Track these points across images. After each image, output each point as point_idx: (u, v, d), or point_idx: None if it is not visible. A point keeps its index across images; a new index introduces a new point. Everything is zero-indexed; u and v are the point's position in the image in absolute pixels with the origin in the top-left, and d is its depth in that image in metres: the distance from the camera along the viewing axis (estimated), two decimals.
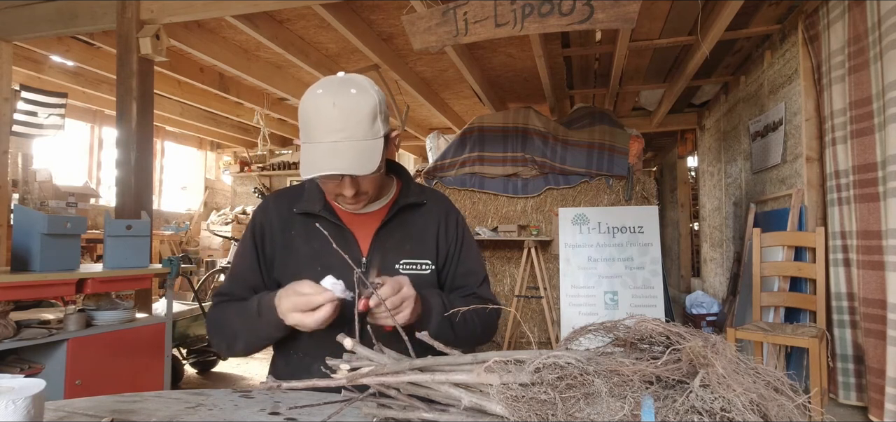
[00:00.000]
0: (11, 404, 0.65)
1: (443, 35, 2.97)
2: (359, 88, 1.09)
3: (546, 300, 4.24)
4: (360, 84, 1.10)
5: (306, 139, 1.09)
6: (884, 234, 2.63)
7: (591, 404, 0.66)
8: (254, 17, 3.76)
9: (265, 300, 1.11)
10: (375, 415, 0.80)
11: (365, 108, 1.07)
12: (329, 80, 1.11)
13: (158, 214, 7.41)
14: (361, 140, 1.07)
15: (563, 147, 4.58)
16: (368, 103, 1.08)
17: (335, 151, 1.05)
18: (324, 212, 1.22)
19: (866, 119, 2.76)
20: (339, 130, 1.05)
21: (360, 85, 1.10)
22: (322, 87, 1.09)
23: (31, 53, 4.57)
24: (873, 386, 2.72)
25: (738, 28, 3.90)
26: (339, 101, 1.06)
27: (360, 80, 1.12)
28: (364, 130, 1.07)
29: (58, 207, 4.74)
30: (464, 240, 1.34)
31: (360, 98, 1.08)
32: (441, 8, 2.95)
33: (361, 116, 1.07)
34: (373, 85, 1.13)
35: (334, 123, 1.05)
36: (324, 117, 1.06)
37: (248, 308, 1.14)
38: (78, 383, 2.37)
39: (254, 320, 1.13)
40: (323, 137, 1.06)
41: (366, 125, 1.07)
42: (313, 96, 1.08)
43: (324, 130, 1.06)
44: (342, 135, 1.06)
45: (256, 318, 1.12)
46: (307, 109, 1.08)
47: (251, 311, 1.13)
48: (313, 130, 1.07)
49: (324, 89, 1.08)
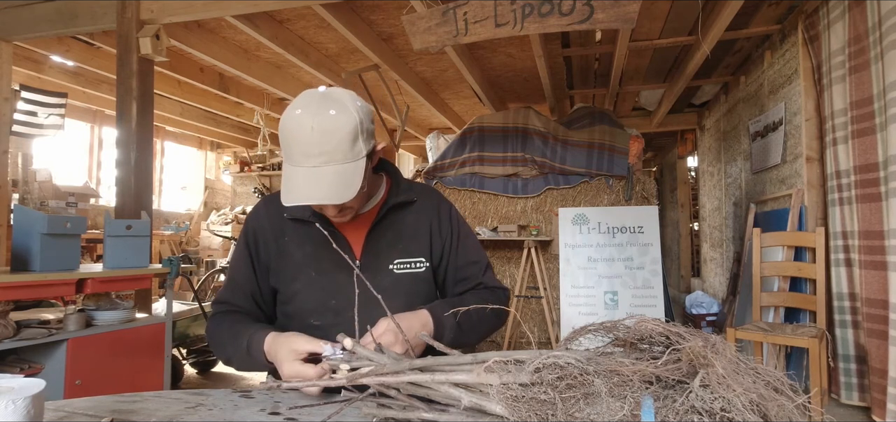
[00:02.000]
0: (11, 404, 0.64)
1: (443, 35, 2.97)
2: (339, 108, 1.04)
3: (546, 300, 4.24)
4: (341, 102, 1.05)
5: (287, 159, 1.06)
6: (886, 234, 2.63)
7: (591, 404, 0.66)
8: (254, 17, 3.76)
9: (255, 341, 1.10)
10: (375, 415, 0.80)
11: (344, 129, 1.03)
12: (309, 98, 1.06)
13: (158, 214, 7.41)
14: (341, 163, 1.03)
15: (563, 147, 4.58)
16: (349, 124, 1.03)
17: (315, 178, 1.02)
18: (314, 217, 1.20)
19: (867, 119, 2.75)
20: (318, 154, 1.02)
21: (341, 103, 1.05)
22: (301, 106, 1.04)
23: (31, 53, 4.57)
24: (876, 386, 2.72)
25: (738, 28, 3.90)
26: (317, 123, 1.01)
27: (341, 96, 1.07)
28: (343, 152, 1.03)
29: (58, 207, 4.74)
30: (460, 231, 1.32)
31: (340, 119, 1.03)
32: (441, 8, 2.95)
33: (340, 137, 1.02)
34: (355, 100, 1.08)
35: (313, 148, 1.02)
36: (302, 141, 1.02)
37: (239, 342, 1.13)
38: (78, 383, 2.37)
39: (244, 355, 1.13)
40: (302, 161, 1.03)
41: (346, 147, 1.03)
42: (292, 117, 1.03)
43: (302, 154, 1.03)
44: (321, 159, 1.02)
45: (246, 355, 1.12)
46: (286, 130, 1.04)
47: (241, 346, 1.12)
48: (292, 153, 1.04)
49: (302, 110, 1.03)
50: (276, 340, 1.06)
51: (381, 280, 1.19)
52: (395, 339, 1.00)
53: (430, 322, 1.11)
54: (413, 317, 1.09)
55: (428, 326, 1.10)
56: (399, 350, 0.98)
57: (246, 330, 1.13)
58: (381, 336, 0.99)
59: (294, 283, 1.21)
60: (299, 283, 1.21)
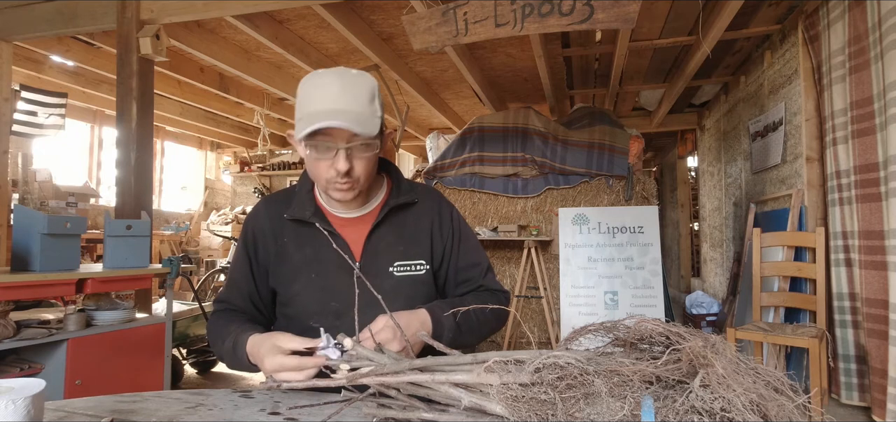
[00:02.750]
0: (11, 404, 0.64)
1: (443, 35, 2.97)
2: (359, 73, 1.11)
3: (546, 300, 4.24)
4: (360, 72, 1.13)
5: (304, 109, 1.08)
6: (886, 234, 2.63)
7: (591, 404, 0.66)
8: (254, 17, 3.76)
9: (239, 342, 1.09)
10: (375, 415, 0.80)
11: (365, 86, 1.09)
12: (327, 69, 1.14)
13: (158, 214, 7.41)
14: (360, 111, 1.07)
15: (563, 147, 4.58)
16: (368, 84, 1.10)
17: (335, 112, 1.05)
18: (314, 218, 1.19)
19: (867, 119, 2.75)
20: (340, 97, 1.05)
21: (360, 72, 1.12)
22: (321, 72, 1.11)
23: (31, 53, 4.57)
24: (876, 386, 2.72)
25: (738, 28, 3.90)
26: (338, 77, 1.07)
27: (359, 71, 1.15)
28: (363, 104, 1.08)
29: (58, 207, 4.74)
30: (461, 233, 1.31)
31: (361, 78, 1.10)
32: (441, 8, 2.95)
33: (361, 91, 1.08)
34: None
35: (335, 92, 1.06)
36: (325, 88, 1.06)
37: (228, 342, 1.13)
38: (78, 383, 2.37)
39: (230, 353, 1.12)
40: (322, 104, 1.06)
41: (365, 100, 1.08)
42: (313, 76, 1.10)
43: (323, 98, 1.06)
44: (343, 103, 1.05)
45: (232, 354, 1.11)
46: (307, 86, 1.09)
47: (228, 347, 1.12)
48: (312, 101, 1.07)
49: (324, 72, 1.10)
50: (259, 339, 1.05)
51: (382, 283, 1.17)
52: (393, 336, 0.99)
53: (429, 321, 1.10)
54: (412, 316, 1.09)
55: (427, 325, 1.09)
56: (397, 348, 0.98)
57: (234, 330, 1.13)
58: (379, 332, 0.98)
59: (294, 284, 1.20)
60: (299, 284, 1.20)
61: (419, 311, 1.11)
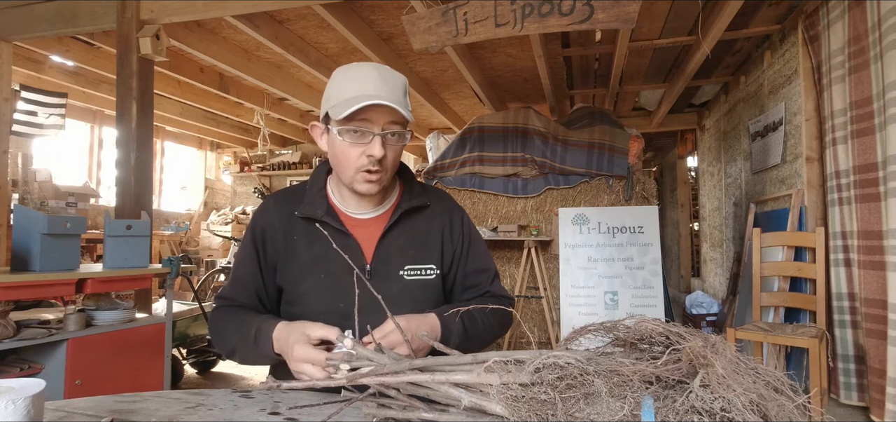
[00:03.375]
0: (11, 404, 0.64)
1: (443, 35, 2.97)
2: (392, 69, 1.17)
3: (546, 300, 4.24)
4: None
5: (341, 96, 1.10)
6: (885, 234, 2.63)
7: (591, 404, 0.66)
8: (254, 17, 3.76)
9: (264, 330, 1.08)
10: (375, 415, 0.80)
11: (400, 79, 1.15)
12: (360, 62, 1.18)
13: (158, 214, 7.41)
14: (398, 99, 1.11)
15: (563, 147, 4.58)
16: (402, 79, 1.16)
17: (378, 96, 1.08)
18: (327, 217, 1.19)
19: (867, 119, 2.76)
20: (381, 85, 1.10)
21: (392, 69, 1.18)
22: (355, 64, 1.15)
23: (31, 53, 4.57)
24: (874, 386, 2.72)
25: (738, 28, 3.90)
26: (377, 68, 1.13)
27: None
28: (399, 95, 1.12)
29: (58, 207, 4.73)
30: (471, 239, 1.31)
31: (395, 72, 1.16)
32: (441, 8, 2.95)
33: (397, 82, 1.13)
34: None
35: (376, 80, 1.10)
36: (364, 77, 1.11)
37: (246, 330, 1.11)
38: (78, 383, 2.37)
39: (249, 344, 1.10)
40: (363, 88, 1.09)
41: (401, 92, 1.13)
42: (349, 66, 1.15)
43: (364, 84, 1.10)
44: (384, 90, 1.09)
45: (252, 344, 1.10)
46: (343, 75, 1.14)
47: (248, 335, 1.11)
48: (350, 88, 1.10)
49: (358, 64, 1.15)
50: (288, 326, 1.06)
51: (391, 286, 1.17)
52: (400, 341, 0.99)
53: (438, 326, 1.11)
54: (422, 320, 1.09)
55: (436, 329, 1.10)
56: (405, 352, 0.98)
57: (255, 320, 1.12)
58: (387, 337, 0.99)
59: (302, 283, 1.19)
60: (307, 284, 1.19)
61: (429, 315, 1.12)
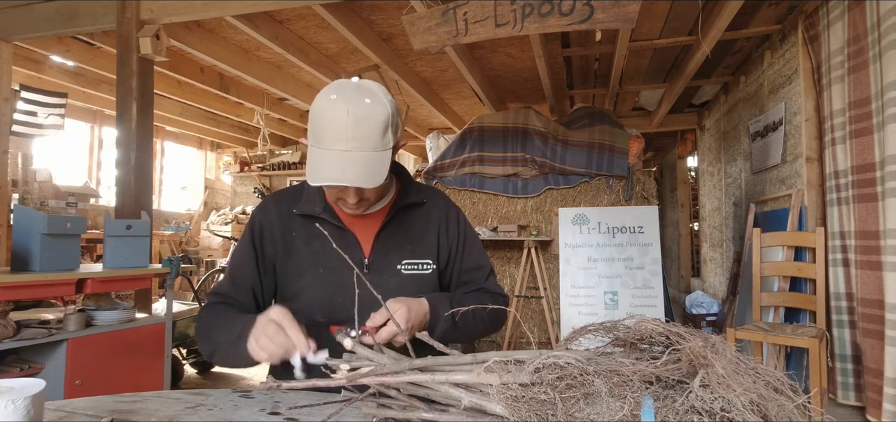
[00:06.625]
0: (11, 404, 0.64)
1: (443, 35, 2.97)
2: (373, 98, 1.07)
3: (546, 300, 4.24)
4: (375, 93, 1.08)
5: (315, 143, 1.06)
6: (882, 234, 2.63)
7: (591, 404, 0.66)
8: (254, 17, 3.76)
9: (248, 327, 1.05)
10: (375, 415, 0.80)
11: (377, 118, 1.05)
12: (343, 85, 1.08)
13: (158, 214, 7.41)
14: (371, 151, 1.05)
15: (563, 147, 4.58)
16: (381, 114, 1.06)
17: (345, 161, 1.03)
18: (324, 214, 1.22)
19: (865, 119, 2.76)
20: (350, 138, 1.03)
21: (375, 94, 1.08)
22: (336, 92, 1.06)
23: (31, 53, 4.57)
24: (871, 386, 2.72)
25: (738, 28, 3.90)
26: (352, 108, 1.03)
27: (374, 88, 1.10)
28: (375, 141, 1.05)
29: (58, 207, 4.73)
30: (466, 236, 1.35)
31: (374, 108, 1.05)
32: (441, 8, 2.95)
33: (373, 126, 1.05)
34: (386, 94, 1.11)
35: (346, 132, 1.03)
36: (336, 124, 1.03)
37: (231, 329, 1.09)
38: (78, 383, 2.37)
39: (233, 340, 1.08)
40: (333, 144, 1.03)
41: (377, 136, 1.05)
42: (326, 100, 1.05)
43: (334, 138, 1.03)
44: (353, 144, 1.03)
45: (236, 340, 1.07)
46: (319, 113, 1.05)
47: (232, 333, 1.08)
48: (324, 136, 1.04)
49: (338, 95, 1.05)
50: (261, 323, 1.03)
51: (389, 280, 1.21)
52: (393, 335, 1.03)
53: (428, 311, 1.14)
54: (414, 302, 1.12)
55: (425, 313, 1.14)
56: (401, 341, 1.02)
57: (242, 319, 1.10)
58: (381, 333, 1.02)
59: (301, 280, 1.22)
60: (306, 280, 1.21)
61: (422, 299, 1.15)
